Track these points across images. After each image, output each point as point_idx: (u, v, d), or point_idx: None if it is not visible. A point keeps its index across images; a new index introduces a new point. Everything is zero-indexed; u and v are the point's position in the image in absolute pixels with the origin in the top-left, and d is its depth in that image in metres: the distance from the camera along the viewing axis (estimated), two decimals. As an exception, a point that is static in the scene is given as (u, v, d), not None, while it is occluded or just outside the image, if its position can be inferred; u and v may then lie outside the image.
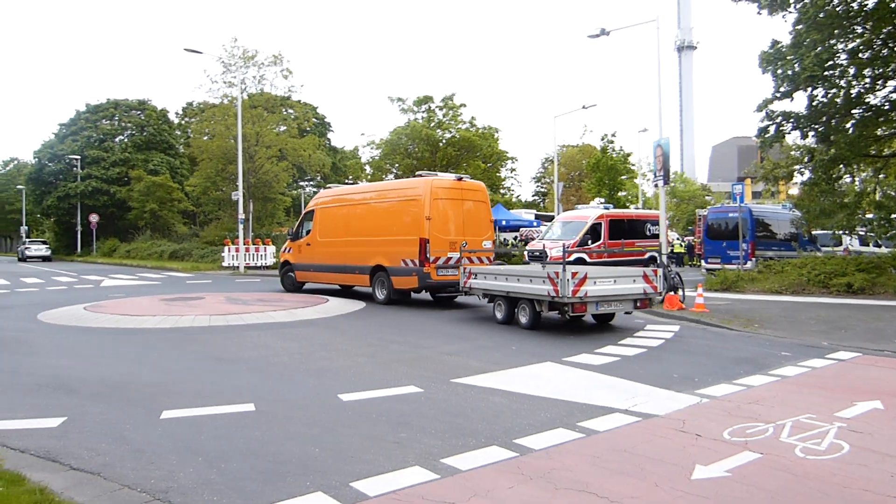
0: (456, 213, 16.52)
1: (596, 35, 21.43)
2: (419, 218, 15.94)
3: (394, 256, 16.46)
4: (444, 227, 16.12)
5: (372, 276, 17.14)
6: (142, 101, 57.92)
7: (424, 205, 15.91)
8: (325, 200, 19.68)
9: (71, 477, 4.76)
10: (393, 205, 17.03)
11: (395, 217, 16.79)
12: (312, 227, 19.53)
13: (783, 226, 26.91)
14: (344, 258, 18.09)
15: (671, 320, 13.79)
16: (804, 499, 4.40)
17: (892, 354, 9.72)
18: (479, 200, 17.27)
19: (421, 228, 15.83)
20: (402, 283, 16.42)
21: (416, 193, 16.29)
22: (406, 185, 17.55)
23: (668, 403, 6.85)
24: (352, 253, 17.81)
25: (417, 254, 15.79)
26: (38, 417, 6.26)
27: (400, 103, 42.45)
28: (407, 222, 16.34)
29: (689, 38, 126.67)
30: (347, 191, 20.58)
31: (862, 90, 19.49)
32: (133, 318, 13.16)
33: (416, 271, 15.86)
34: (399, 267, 16.33)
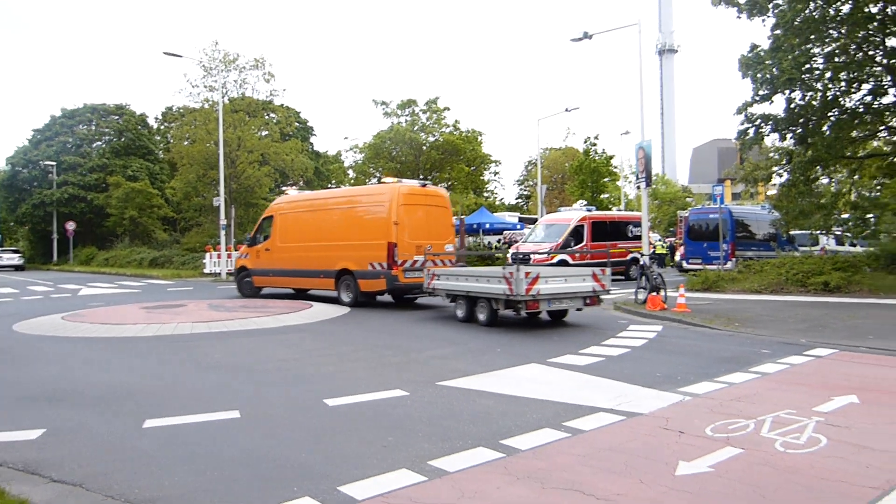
0: (420, 218, 17.20)
1: (578, 39, 21.58)
2: (387, 222, 16.53)
3: (361, 260, 16.94)
4: (410, 232, 16.73)
5: (337, 279, 17.55)
6: (120, 105, 57.24)
7: (392, 210, 16.53)
8: (285, 206, 19.93)
9: (52, 489, 4.70)
10: (360, 210, 17.59)
11: (361, 222, 17.31)
12: (272, 232, 19.71)
13: (762, 226, 27.27)
14: (307, 262, 18.37)
15: (654, 320, 13.94)
16: (784, 492, 4.50)
17: (868, 350, 9.92)
18: (441, 206, 18.05)
19: (389, 233, 16.42)
20: (370, 286, 16.90)
21: (383, 199, 16.91)
22: (373, 191, 18.38)
23: (652, 402, 6.95)
24: (316, 257, 18.11)
25: (385, 257, 16.37)
26: (17, 430, 6.15)
27: (384, 107, 42.59)
28: (374, 227, 16.85)
29: (670, 41, 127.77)
30: (309, 196, 20.93)
31: (838, 93, 19.87)
32: (113, 326, 13.02)
33: (385, 274, 16.44)
34: (366, 270, 16.84)
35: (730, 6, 19.77)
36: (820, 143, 19.60)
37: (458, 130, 42.43)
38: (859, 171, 23.08)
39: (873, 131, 21.22)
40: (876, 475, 4.76)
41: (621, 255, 27.12)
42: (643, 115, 19.12)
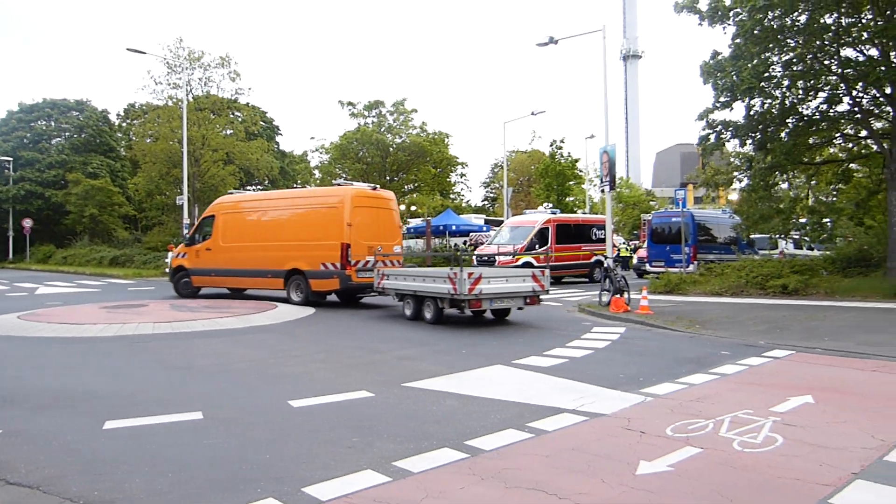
0: (371, 220, 17.86)
1: (544, 44, 21.80)
2: (340, 224, 17.08)
3: (313, 260, 17.35)
4: (362, 233, 17.30)
5: (287, 279, 17.86)
6: (80, 101, 55.93)
7: (345, 212, 17.11)
8: (229, 206, 19.95)
9: (7, 492, 4.58)
10: (312, 212, 18.05)
11: (314, 223, 17.70)
12: (214, 232, 19.66)
13: (723, 230, 27.84)
14: (254, 262, 18.54)
15: (617, 322, 14.13)
16: (741, 490, 4.61)
17: (824, 352, 10.20)
18: (389, 209, 18.84)
19: (342, 234, 16.99)
20: (322, 286, 17.38)
21: (337, 201, 17.44)
22: (326, 193, 18.83)
23: (615, 403, 7.06)
24: (263, 257, 18.34)
25: (339, 257, 16.91)
26: (-25, 431, 6.01)
27: (350, 108, 42.42)
28: (327, 228, 17.31)
29: (634, 47, 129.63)
30: (254, 197, 21.31)
31: (795, 101, 20.35)
32: (73, 326, 12.72)
33: (338, 274, 16.97)
34: (318, 270, 17.27)
35: (692, 13, 20.13)
36: (778, 150, 20.07)
37: (424, 132, 42.46)
38: (816, 176, 23.69)
39: (829, 138, 21.79)
40: (829, 472, 4.90)
41: (585, 258, 27.71)
42: (608, 119, 19.44)
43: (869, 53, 18.61)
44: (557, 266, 26.38)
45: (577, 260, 27.52)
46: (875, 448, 5.45)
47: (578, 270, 27.85)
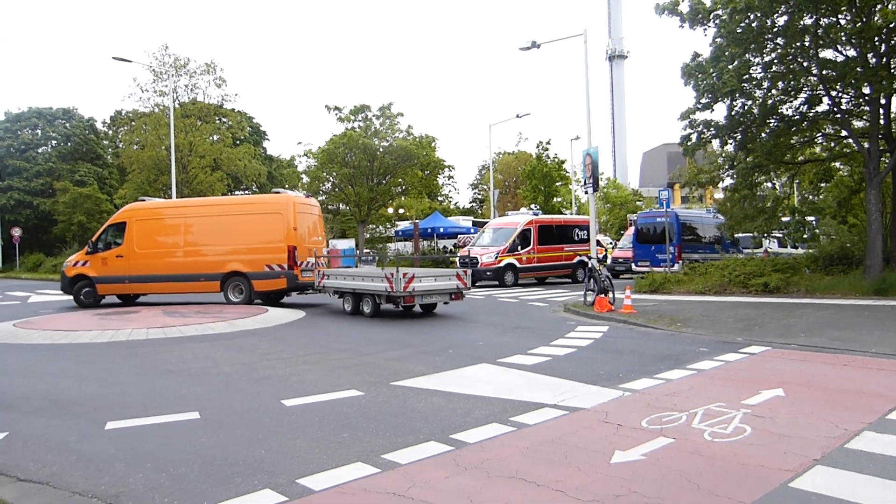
0: (307, 224, 19.39)
1: (527, 48, 22.15)
2: (287, 228, 18.49)
3: (256, 263, 18.53)
4: (302, 236, 18.86)
5: (224, 281, 18.80)
6: (67, 109, 55.95)
7: (290, 217, 18.56)
8: (143, 213, 20.12)
9: (19, 488, 4.86)
10: (253, 217, 19.09)
11: (258, 227, 18.78)
12: (126, 239, 19.71)
13: (708, 229, 28.27)
14: (183, 267, 19.07)
15: (601, 321, 14.44)
16: (708, 476, 4.91)
17: (797, 347, 10.55)
18: (318, 214, 20.69)
19: (290, 237, 18.43)
20: (267, 286, 18.70)
21: (281, 207, 18.82)
22: (269, 200, 20.20)
23: (594, 398, 7.37)
24: (195, 262, 19.01)
25: (286, 259, 18.29)
26: (-22, 433, 6.26)
27: (337, 112, 42.50)
28: (272, 231, 18.58)
29: (619, 47, 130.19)
30: (179, 204, 21.93)
31: (776, 101, 20.74)
32: (68, 333, 12.94)
33: (286, 274, 18.41)
34: (263, 272, 18.52)
35: (673, 16, 20.47)
36: (760, 150, 20.45)
37: (411, 136, 42.63)
38: (798, 175, 24.13)
39: (811, 138, 22.21)
40: (791, 460, 5.21)
41: (568, 258, 28.18)
42: (590, 122, 19.80)
43: (847, 54, 19.00)
44: (540, 267, 27.19)
45: (560, 260, 27.96)
46: (837, 437, 5.77)
47: (561, 271, 28.28)
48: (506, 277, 25.69)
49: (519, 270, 26.22)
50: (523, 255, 26.26)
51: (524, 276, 26.77)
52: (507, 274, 25.79)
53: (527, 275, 26.92)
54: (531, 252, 26.50)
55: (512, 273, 25.97)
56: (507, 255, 25.78)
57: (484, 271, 25.45)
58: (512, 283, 25.89)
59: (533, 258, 26.57)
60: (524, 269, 26.44)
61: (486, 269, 25.47)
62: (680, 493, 4.60)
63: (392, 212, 51.06)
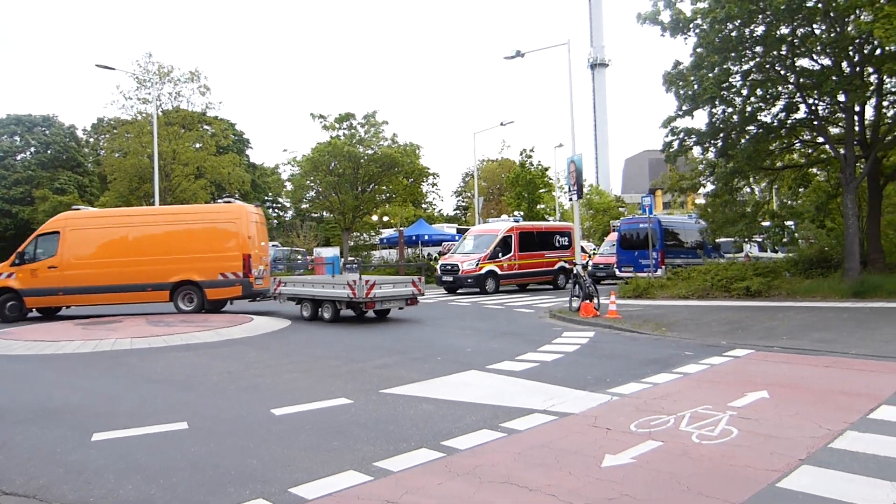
0: (257, 233, 19.73)
1: (511, 56, 22.30)
2: (241, 237, 18.89)
3: (209, 271, 18.70)
4: (255, 245, 19.20)
5: (174, 290, 18.74)
6: (47, 116, 55.46)
7: (245, 226, 19.00)
8: (77, 222, 19.31)
9: (5, 502, 4.81)
10: (205, 226, 19.13)
11: (210, 236, 18.97)
12: (59, 249, 18.88)
13: (690, 235, 28.51)
14: (126, 277, 18.52)
15: (587, 327, 14.54)
16: (697, 477, 4.98)
17: (781, 350, 10.70)
18: (264, 223, 21.22)
19: (244, 246, 18.81)
20: (221, 294, 19.01)
21: (235, 217, 19.15)
22: (222, 209, 20.10)
23: (583, 402, 7.42)
24: (140, 272, 18.60)
25: (241, 267, 18.67)
26: (-37, 445, 6.19)
27: (322, 120, 42.42)
28: (226, 240, 18.89)
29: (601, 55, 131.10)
30: (119, 213, 21.36)
31: (755, 109, 21.05)
32: (50, 343, 12.81)
33: (241, 282, 18.76)
34: (217, 280, 18.74)
35: (654, 25, 20.72)
36: (740, 156, 20.73)
37: (396, 144, 42.66)
38: (777, 181, 24.47)
39: (789, 144, 22.55)
40: (778, 460, 5.29)
41: (549, 265, 28.25)
42: (574, 130, 19.93)
43: (823, 63, 19.36)
44: (521, 274, 27.19)
45: (541, 267, 28.00)
46: (821, 437, 5.86)
47: (542, 277, 28.31)
48: (487, 284, 25.67)
49: (500, 277, 26.22)
50: (504, 261, 26.31)
51: (505, 282, 26.75)
52: (489, 281, 25.77)
53: (508, 281, 26.90)
54: (512, 259, 26.56)
55: (493, 280, 25.95)
56: (488, 262, 25.81)
57: (465, 278, 25.51)
58: (493, 290, 25.83)
59: (514, 265, 26.63)
60: (505, 275, 26.45)
61: (468, 277, 25.50)
62: (670, 494, 4.66)
63: (376, 219, 50.99)
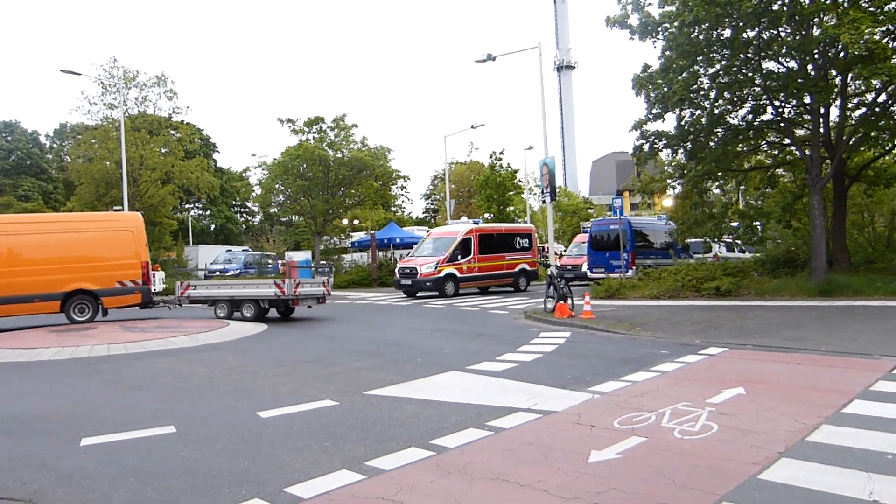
0: None
1: (483, 60, 22.47)
2: (139, 245, 19.31)
3: (106, 279, 18.72)
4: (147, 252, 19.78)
5: (65, 301, 18.30)
6: (9, 122, 54.42)
7: (142, 234, 19.58)
8: None
9: (1, 505, 4.81)
10: (102, 234, 19.23)
11: (106, 244, 19.02)
12: None
13: (659, 236, 28.96)
14: (8, 289, 17.51)
15: (562, 327, 14.73)
16: (682, 471, 5.14)
17: (753, 348, 10.98)
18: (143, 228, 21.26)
19: (142, 253, 19.29)
20: (119, 302, 19.05)
21: (129, 225, 19.58)
22: (117, 217, 21.12)
23: (565, 401, 7.57)
24: (25, 282, 17.81)
25: (141, 275, 19.07)
26: (-51, 455, 6.11)
27: (290, 124, 42.22)
28: (123, 248, 19.10)
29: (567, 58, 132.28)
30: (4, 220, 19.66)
31: (723, 111, 21.51)
32: (23, 350, 12.60)
33: (141, 289, 19.10)
34: (114, 288, 18.83)
35: (623, 28, 21.05)
36: (709, 157, 21.16)
37: (366, 147, 42.63)
38: (745, 182, 25.01)
39: (756, 146, 23.07)
40: (757, 453, 5.48)
41: (510, 267, 27.98)
42: (546, 133, 20.16)
43: (788, 65, 19.86)
44: (481, 276, 26.83)
45: (501, 269, 27.73)
46: (798, 431, 6.07)
47: (503, 280, 28.03)
48: (446, 288, 25.26)
49: (460, 280, 25.88)
50: (464, 264, 25.99)
51: (465, 285, 26.40)
52: (448, 284, 25.36)
53: (468, 284, 26.53)
54: (472, 261, 26.25)
55: (452, 283, 25.56)
56: (447, 264, 25.45)
57: (424, 282, 25.08)
58: (452, 293, 25.47)
59: (474, 268, 26.35)
60: (465, 278, 26.13)
61: (427, 280, 25.06)
62: (656, 487, 4.81)
63: (347, 223, 50.85)
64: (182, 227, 56.67)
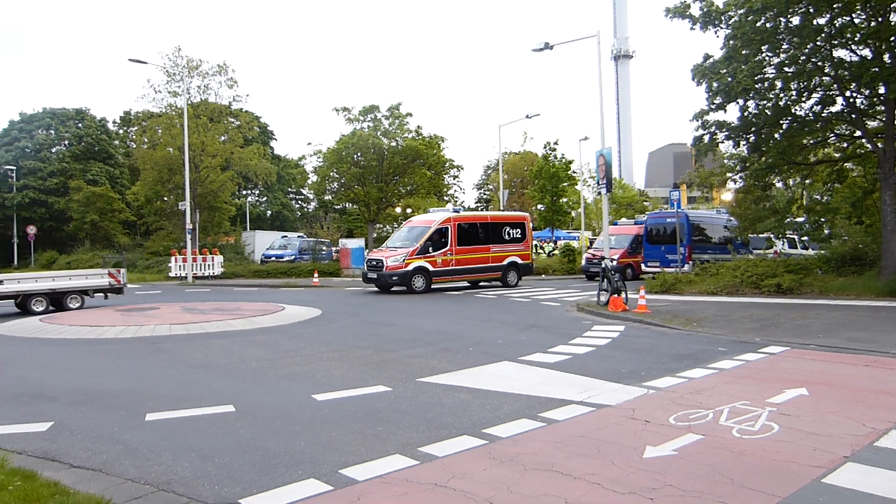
0: None
1: (540, 49, 22.18)
2: None
3: None
4: None
5: None
6: (80, 109, 56.36)
7: None
8: None
9: (74, 474, 5.05)
10: None
11: None
12: None
13: (717, 230, 28.27)
14: None
15: (616, 321, 14.53)
16: (740, 471, 5.01)
17: (817, 348, 10.60)
18: None
19: None
20: None
21: None
22: None
23: (619, 395, 7.47)
24: None
25: None
26: (26, 423, 6.49)
27: (346, 113, 42.69)
28: None
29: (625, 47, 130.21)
30: None
31: (789, 102, 20.79)
32: (93, 328, 13.18)
33: None
34: None
35: (683, 18, 20.53)
36: (773, 150, 20.50)
37: (420, 136, 42.81)
38: (811, 176, 24.15)
39: (824, 138, 22.22)
40: (821, 456, 5.30)
41: (496, 260, 25.12)
42: (603, 123, 19.74)
43: (862, 54, 19.03)
44: (459, 270, 24.22)
45: (486, 263, 24.88)
46: (865, 435, 5.84)
47: (488, 274, 25.24)
48: (414, 282, 22.77)
49: (432, 275, 23.32)
50: (437, 257, 23.35)
51: (440, 280, 23.78)
52: (416, 278, 22.84)
53: (443, 279, 23.88)
54: (448, 254, 23.62)
55: (423, 278, 23.01)
56: (416, 257, 22.91)
57: (390, 275, 22.65)
58: (422, 288, 22.92)
59: (450, 260, 23.71)
60: (440, 272, 23.56)
61: (392, 274, 22.62)
62: (714, 486, 4.70)
63: (400, 211, 51.21)
64: (240, 212, 57.94)
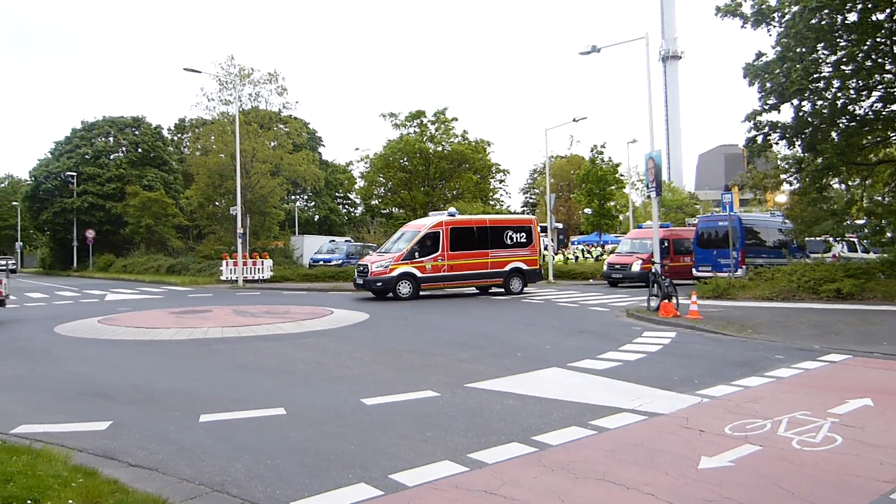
0: None
1: (587, 52, 21.94)
2: None
3: None
4: None
5: None
6: (136, 117, 58.33)
7: None
8: None
9: (132, 472, 5.17)
10: None
11: None
12: None
13: (772, 233, 27.45)
14: None
15: (667, 327, 14.24)
16: (802, 484, 4.83)
17: (882, 356, 10.19)
18: None
19: None
20: None
21: None
22: None
23: (672, 403, 7.30)
24: None
25: None
26: (86, 421, 6.68)
27: (392, 119, 43.03)
28: None
29: (673, 47, 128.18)
30: None
31: (847, 101, 20.13)
32: (148, 330, 13.57)
33: None
34: None
35: (734, 17, 20.06)
36: (830, 150, 19.85)
37: (466, 140, 42.86)
38: (871, 177, 23.29)
39: (884, 137, 21.42)
40: (888, 471, 5.07)
41: (497, 266, 23.77)
42: (652, 126, 19.38)
43: (924, 50, 18.34)
44: (452, 277, 22.99)
45: (484, 268, 23.55)
46: (936, 449, 5.59)
47: (487, 280, 23.90)
48: (399, 289, 21.73)
49: (421, 281, 22.18)
50: (427, 262, 22.28)
51: (430, 286, 22.64)
52: (402, 284, 21.79)
53: (433, 285, 22.74)
54: (439, 259, 22.49)
55: (410, 284, 21.93)
56: (403, 262, 21.94)
57: (374, 281, 21.83)
58: (409, 295, 21.85)
59: (442, 266, 22.55)
60: (429, 278, 22.42)
61: (377, 280, 21.78)
62: (774, 499, 4.55)
63: (446, 215, 51.21)
64: (288, 217, 58.91)
